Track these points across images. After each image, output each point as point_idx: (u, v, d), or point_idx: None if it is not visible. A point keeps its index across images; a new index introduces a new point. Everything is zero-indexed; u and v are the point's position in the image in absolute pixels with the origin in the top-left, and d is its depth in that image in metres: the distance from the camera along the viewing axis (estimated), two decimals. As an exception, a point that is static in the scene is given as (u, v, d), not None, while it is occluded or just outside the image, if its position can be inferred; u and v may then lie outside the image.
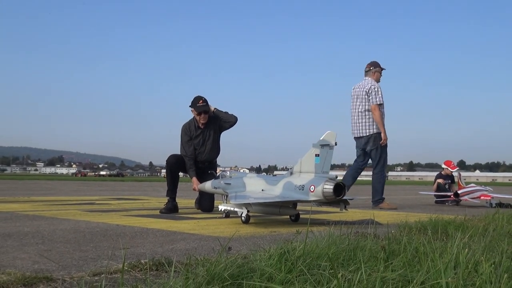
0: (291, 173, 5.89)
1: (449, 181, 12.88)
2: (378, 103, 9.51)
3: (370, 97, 9.56)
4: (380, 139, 9.55)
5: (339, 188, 5.40)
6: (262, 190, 6.04)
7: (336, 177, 5.55)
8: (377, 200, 9.56)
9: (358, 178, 10.21)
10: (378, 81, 9.84)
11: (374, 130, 9.59)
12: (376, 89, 9.57)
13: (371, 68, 9.90)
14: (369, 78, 9.81)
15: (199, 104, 7.67)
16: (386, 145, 9.68)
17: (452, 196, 11.45)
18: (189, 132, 7.81)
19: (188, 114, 7.94)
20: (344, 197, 5.54)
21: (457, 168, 13.01)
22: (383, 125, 9.53)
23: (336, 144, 5.47)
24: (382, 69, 9.92)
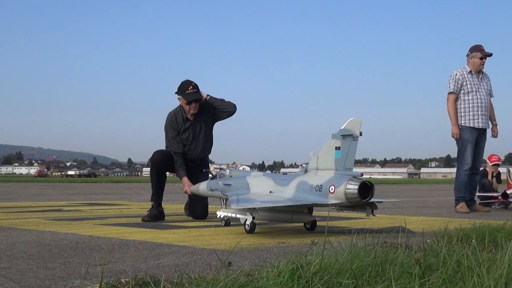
0: (306, 171, 5.88)
1: (494, 179, 12.83)
2: (448, 91, 10.19)
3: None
4: (462, 133, 10.11)
5: (366, 188, 5.33)
6: (270, 192, 6.04)
7: (362, 175, 5.47)
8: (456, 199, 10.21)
9: (384, 177, 10.43)
10: (475, 68, 10.16)
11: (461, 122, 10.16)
12: (450, 76, 10.22)
13: (468, 53, 10.33)
14: (466, 65, 10.25)
15: (189, 91, 7.59)
16: (460, 140, 10.11)
17: (499, 198, 11.44)
18: (175, 125, 7.78)
19: (175, 102, 7.87)
20: (372, 200, 5.50)
21: (498, 162, 12.92)
22: (451, 117, 10.11)
23: (361, 134, 5.40)
24: (483, 54, 10.09)
